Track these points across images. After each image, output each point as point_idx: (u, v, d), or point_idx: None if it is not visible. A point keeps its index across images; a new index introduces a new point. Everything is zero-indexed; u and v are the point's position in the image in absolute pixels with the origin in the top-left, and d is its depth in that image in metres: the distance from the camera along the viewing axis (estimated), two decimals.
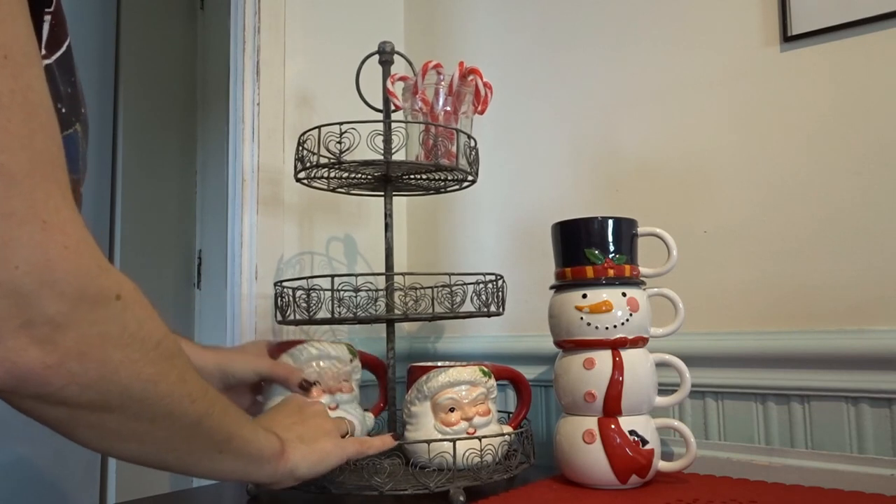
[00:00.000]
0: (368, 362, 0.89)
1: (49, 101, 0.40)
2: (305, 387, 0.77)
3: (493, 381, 0.83)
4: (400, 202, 1.25)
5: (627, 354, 0.78)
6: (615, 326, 0.78)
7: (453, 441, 0.76)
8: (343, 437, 0.70)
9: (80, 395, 0.41)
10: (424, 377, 0.81)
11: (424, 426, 0.80)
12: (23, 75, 0.37)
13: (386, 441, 0.73)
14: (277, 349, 0.81)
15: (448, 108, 0.87)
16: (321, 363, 0.80)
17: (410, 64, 0.99)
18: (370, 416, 0.86)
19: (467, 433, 0.79)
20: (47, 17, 0.48)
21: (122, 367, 0.42)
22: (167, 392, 0.46)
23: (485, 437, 0.79)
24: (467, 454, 0.77)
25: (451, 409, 0.79)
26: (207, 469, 0.56)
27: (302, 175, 0.88)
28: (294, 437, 0.64)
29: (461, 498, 0.72)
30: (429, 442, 0.77)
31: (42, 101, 0.39)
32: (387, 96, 0.92)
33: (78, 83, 0.54)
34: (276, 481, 0.62)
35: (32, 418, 0.43)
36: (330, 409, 0.78)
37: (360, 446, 0.70)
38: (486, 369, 0.83)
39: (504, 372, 0.87)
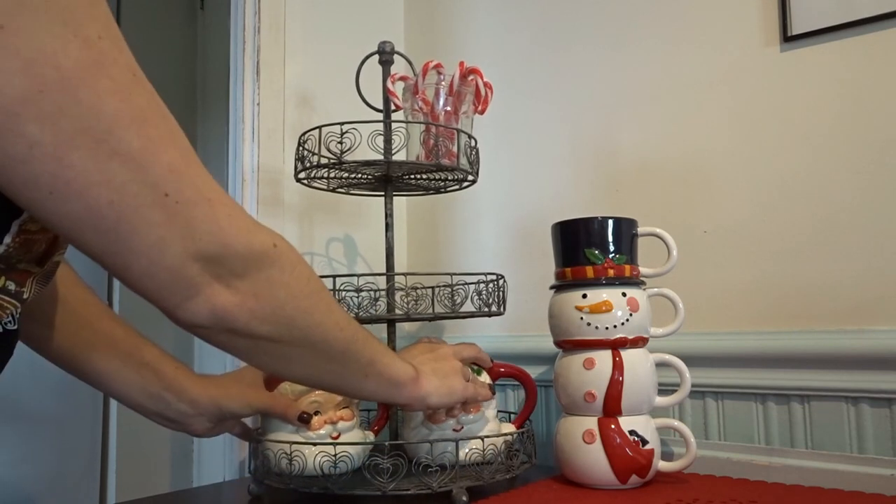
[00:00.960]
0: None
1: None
2: (305, 419, 0.76)
3: (485, 379, 0.83)
4: (399, 202, 1.25)
5: (627, 354, 0.78)
6: (615, 326, 0.78)
7: (456, 441, 0.76)
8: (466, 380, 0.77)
9: (259, 327, 0.51)
10: None
11: (414, 423, 0.81)
12: (148, 87, 0.43)
13: (488, 394, 0.80)
14: (275, 378, 0.78)
15: (448, 108, 0.87)
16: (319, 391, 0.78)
17: (410, 64, 0.99)
18: (370, 435, 0.83)
19: (453, 430, 0.79)
20: None
21: (287, 302, 0.52)
22: (320, 321, 0.56)
23: (488, 437, 0.79)
24: (470, 454, 0.77)
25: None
26: (358, 390, 0.66)
27: (302, 175, 0.88)
28: (428, 370, 0.71)
29: (464, 498, 0.72)
30: (431, 442, 0.77)
31: (164, 105, 0.45)
32: (387, 96, 0.92)
33: None
34: (411, 405, 0.70)
35: (225, 350, 0.54)
36: (332, 437, 0.77)
37: (475, 391, 0.76)
38: (475, 367, 0.83)
39: (510, 370, 0.87)
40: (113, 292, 1.62)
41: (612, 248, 0.80)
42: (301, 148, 0.86)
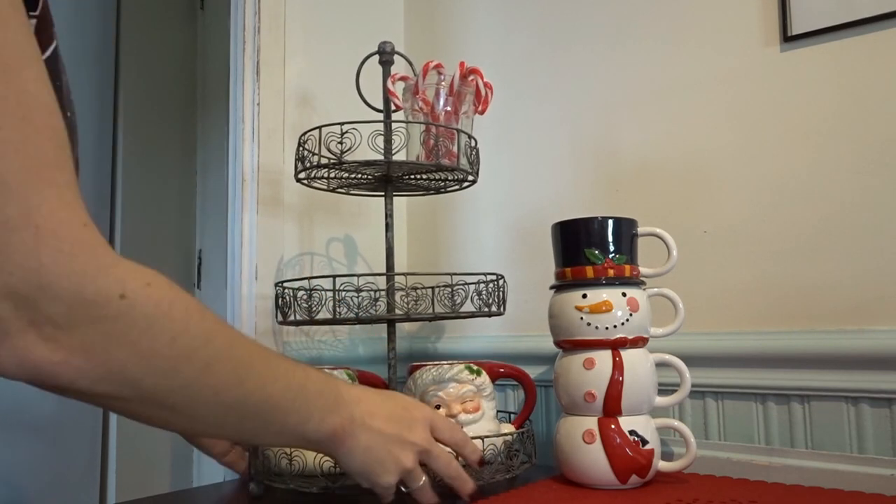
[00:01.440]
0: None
1: (49, 102, 0.40)
2: None
3: (483, 379, 0.83)
4: (399, 202, 1.25)
5: (627, 354, 0.78)
6: (615, 326, 0.78)
7: None
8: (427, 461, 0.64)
9: (92, 387, 0.42)
10: (412, 376, 0.82)
11: None
12: (16, 79, 0.38)
13: (428, 495, 0.65)
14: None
15: (449, 109, 0.87)
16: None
17: (411, 64, 0.99)
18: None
19: None
20: (32, 21, 0.47)
21: (130, 362, 0.43)
22: (185, 384, 0.46)
23: (488, 436, 0.79)
24: None
25: (438, 407, 0.79)
26: (248, 442, 0.58)
27: (302, 175, 0.88)
28: (366, 432, 0.60)
29: (466, 497, 0.72)
30: None
31: (39, 104, 0.39)
32: (387, 96, 0.92)
33: (64, 87, 0.53)
34: (328, 458, 0.62)
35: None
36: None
37: (420, 488, 0.64)
38: (474, 367, 0.83)
39: (509, 371, 0.87)
40: None
41: (612, 248, 0.80)
42: (301, 148, 0.86)
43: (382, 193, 0.94)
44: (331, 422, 0.58)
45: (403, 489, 0.63)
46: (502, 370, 0.87)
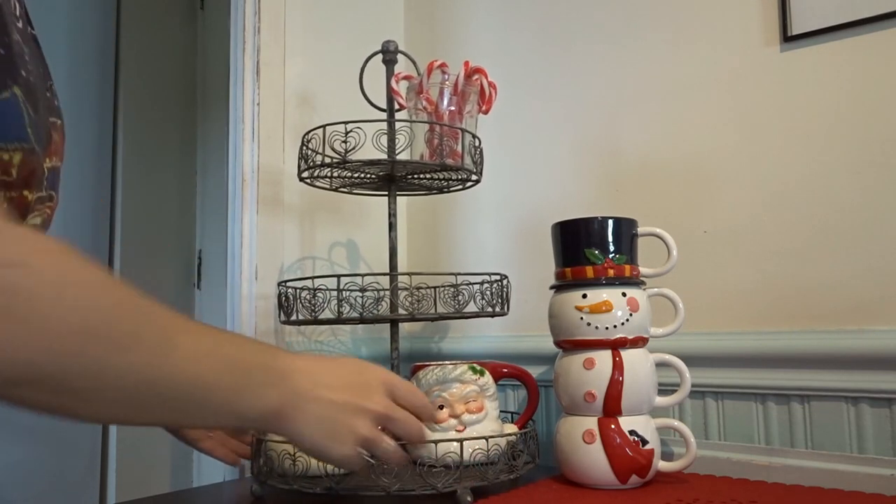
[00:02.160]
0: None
1: None
2: None
3: (486, 379, 0.83)
4: (399, 202, 1.24)
5: (627, 354, 0.78)
6: (615, 326, 0.78)
7: (460, 441, 0.76)
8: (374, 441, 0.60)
9: None
10: (416, 376, 0.82)
11: None
12: None
13: (398, 456, 0.63)
14: None
15: (453, 108, 0.87)
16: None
17: (414, 63, 0.99)
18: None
19: (456, 430, 0.79)
20: None
21: (33, 339, 0.39)
22: (88, 366, 0.42)
23: (492, 437, 0.79)
24: (474, 454, 0.77)
25: (441, 407, 0.80)
26: (173, 425, 0.53)
27: (305, 174, 0.88)
28: (314, 403, 0.56)
29: (469, 498, 0.72)
30: (436, 442, 0.77)
31: None
32: (391, 95, 0.92)
33: (13, 45, 0.49)
34: (277, 435, 0.57)
35: None
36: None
37: (386, 451, 0.61)
38: (477, 367, 0.83)
39: (512, 371, 0.88)
40: None
41: (612, 248, 0.80)
42: (304, 147, 0.86)
43: (385, 193, 0.94)
44: (270, 396, 0.54)
45: (368, 458, 0.60)
46: (506, 370, 0.87)
